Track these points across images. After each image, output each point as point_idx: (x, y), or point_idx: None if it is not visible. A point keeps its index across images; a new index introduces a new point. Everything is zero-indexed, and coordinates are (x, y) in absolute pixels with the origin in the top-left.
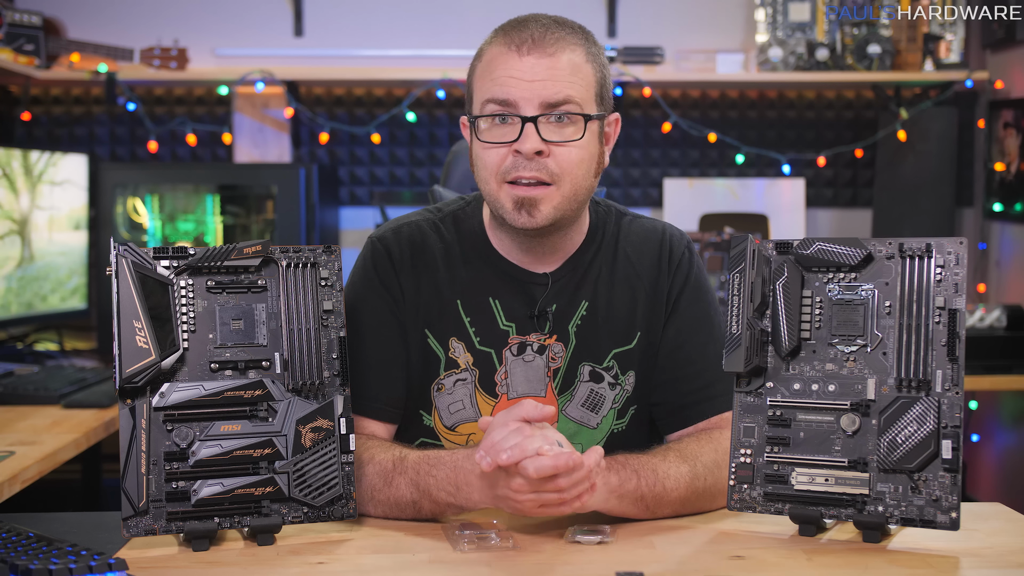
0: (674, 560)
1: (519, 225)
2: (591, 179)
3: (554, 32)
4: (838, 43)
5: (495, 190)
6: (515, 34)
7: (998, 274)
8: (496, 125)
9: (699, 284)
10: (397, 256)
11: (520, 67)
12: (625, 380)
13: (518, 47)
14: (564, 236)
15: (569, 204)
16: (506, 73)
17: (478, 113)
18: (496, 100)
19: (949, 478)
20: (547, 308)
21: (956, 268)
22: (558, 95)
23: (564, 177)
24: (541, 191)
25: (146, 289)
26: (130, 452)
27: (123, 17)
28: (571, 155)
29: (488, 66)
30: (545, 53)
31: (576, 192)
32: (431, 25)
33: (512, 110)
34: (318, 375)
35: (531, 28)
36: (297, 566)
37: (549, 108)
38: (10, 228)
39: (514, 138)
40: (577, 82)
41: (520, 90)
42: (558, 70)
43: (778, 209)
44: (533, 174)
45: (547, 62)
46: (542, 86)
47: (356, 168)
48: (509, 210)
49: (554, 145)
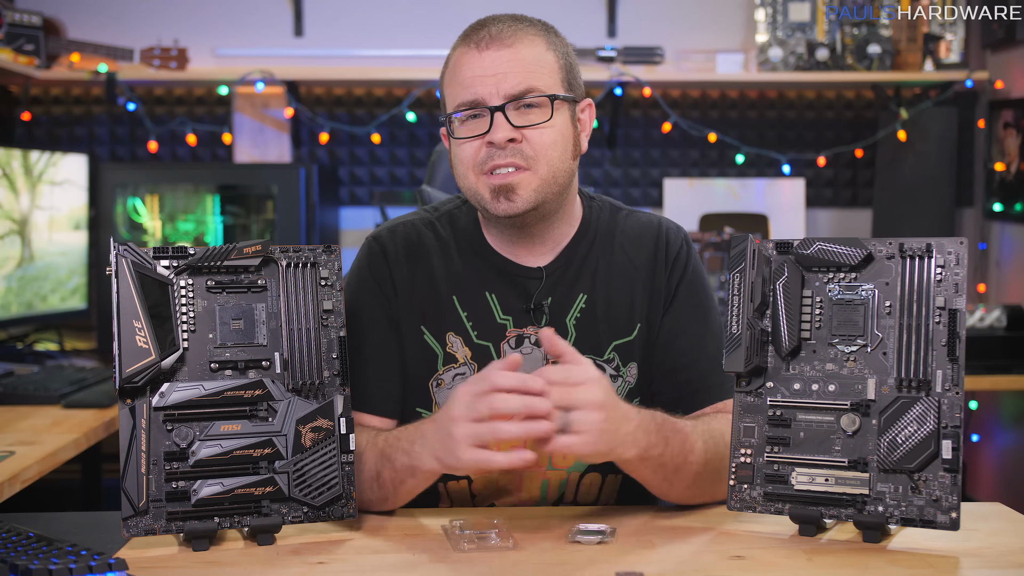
0: (674, 560)
1: (500, 213)
2: (568, 161)
3: (511, 26)
4: (838, 43)
5: (473, 183)
6: (474, 34)
7: (998, 274)
8: (468, 121)
9: (696, 276)
10: (392, 254)
11: (482, 63)
12: (627, 372)
13: (477, 44)
14: (551, 226)
15: (548, 187)
16: (470, 73)
17: (449, 114)
18: (464, 102)
19: (949, 478)
20: (542, 302)
21: (956, 268)
22: (520, 85)
23: (539, 159)
24: (517, 176)
25: (146, 289)
26: (130, 452)
27: (123, 17)
28: (544, 137)
29: (453, 70)
30: (503, 45)
31: (554, 175)
32: (431, 25)
33: (480, 105)
34: (318, 375)
35: (488, 26)
36: (297, 566)
37: (514, 98)
38: (10, 228)
39: (485, 130)
40: (538, 70)
41: (485, 86)
42: (518, 61)
43: (778, 209)
44: (508, 160)
45: (506, 53)
46: (504, 77)
47: (356, 168)
48: (488, 199)
49: (525, 130)
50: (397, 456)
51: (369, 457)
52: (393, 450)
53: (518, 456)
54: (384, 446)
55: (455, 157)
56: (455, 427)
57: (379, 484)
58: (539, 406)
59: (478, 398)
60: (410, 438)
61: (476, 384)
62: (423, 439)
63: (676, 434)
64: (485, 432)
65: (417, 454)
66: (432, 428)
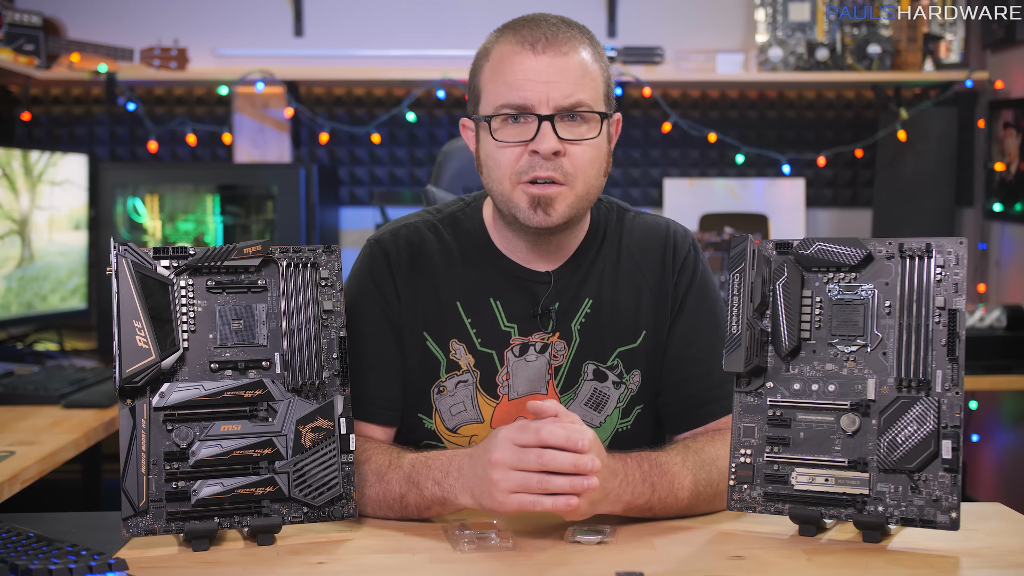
0: (674, 560)
1: (534, 224)
2: (601, 179)
3: (565, 32)
4: (838, 43)
5: (509, 190)
6: (527, 32)
7: (998, 274)
8: (509, 124)
9: (705, 282)
10: (395, 259)
11: (535, 67)
12: (630, 379)
13: (532, 45)
14: (570, 234)
15: (581, 203)
16: (522, 75)
17: (491, 114)
18: (512, 104)
19: (949, 478)
20: (550, 306)
21: (956, 268)
22: (572, 97)
23: (578, 176)
24: (556, 189)
25: (146, 289)
26: (130, 452)
27: (123, 17)
28: (585, 154)
29: (499, 66)
30: (559, 52)
31: (588, 191)
32: (431, 25)
33: (527, 111)
34: (318, 375)
35: (543, 27)
36: (297, 566)
37: (563, 109)
38: (10, 228)
39: (529, 137)
40: (588, 82)
41: (536, 92)
42: (571, 70)
43: (778, 209)
44: (549, 174)
45: (561, 62)
46: (556, 87)
47: (356, 168)
48: (524, 209)
49: (569, 144)
50: (426, 485)
51: (393, 478)
52: (422, 477)
53: (563, 501)
54: (411, 471)
55: (489, 159)
56: (497, 472)
57: (402, 506)
58: (586, 464)
59: (526, 449)
60: (443, 468)
61: (523, 434)
62: (459, 474)
63: (663, 476)
64: (532, 482)
65: (450, 488)
66: (468, 465)
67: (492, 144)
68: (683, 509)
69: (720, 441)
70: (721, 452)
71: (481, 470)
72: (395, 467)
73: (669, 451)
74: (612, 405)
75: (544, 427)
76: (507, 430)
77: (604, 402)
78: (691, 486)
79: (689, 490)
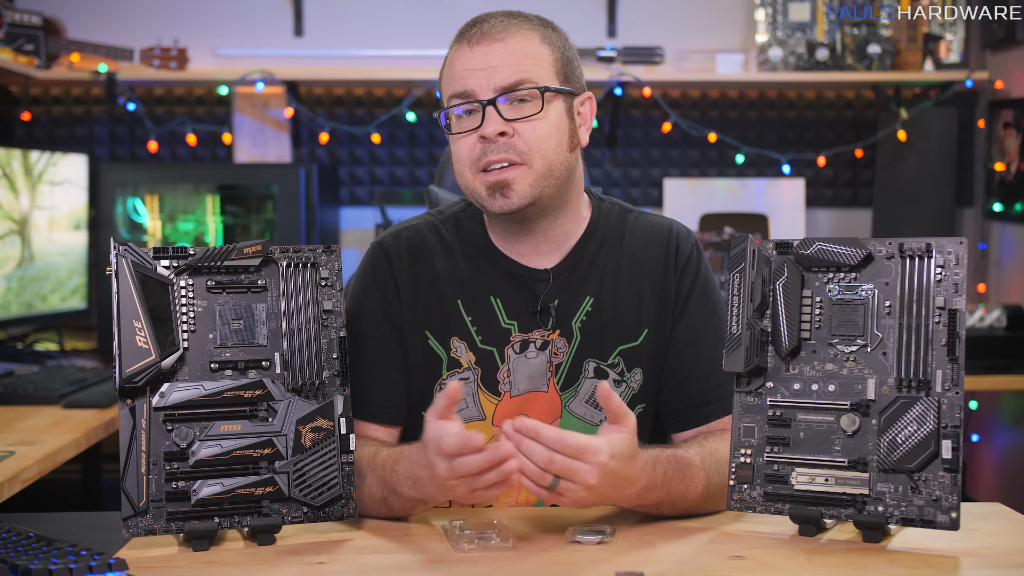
0: (674, 560)
1: (496, 210)
2: (564, 154)
3: (503, 21)
4: (838, 43)
5: (471, 181)
6: (467, 31)
7: (998, 274)
8: (462, 118)
9: (707, 283)
10: (396, 260)
11: (474, 57)
12: (631, 377)
13: (469, 40)
14: (555, 223)
15: (544, 181)
16: (461, 67)
17: (443, 109)
18: (456, 94)
19: (949, 478)
20: (549, 304)
21: (956, 268)
22: (511, 77)
23: (533, 154)
24: (512, 172)
25: (146, 289)
26: (130, 452)
27: (123, 17)
28: (536, 130)
29: (448, 67)
30: (494, 40)
31: (550, 168)
32: (431, 25)
33: (471, 99)
34: (318, 375)
35: (481, 23)
36: (297, 566)
37: (505, 91)
38: (10, 228)
39: (478, 124)
40: (530, 63)
41: (475, 79)
42: (508, 54)
43: (778, 209)
44: (502, 155)
45: (497, 47)
46: (494, 71)
47: (356, 168)
48: (485, 196)
49: (517, 123)
50: (402, 489)
51: (371, 481)
52: (395, 483)
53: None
54: (384, 474)
55: (453, 155)
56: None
57: (387, 507)
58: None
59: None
60: (410, 475)
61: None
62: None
63: (682, 479)
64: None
65: (421, 490)
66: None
67: (452, 140)
68: (689, 509)
69: (727, 440)
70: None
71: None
72: (371, 468)
73: (690, 450)
74: None
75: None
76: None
77: None
78: (703, 489)
79: (699, 493)
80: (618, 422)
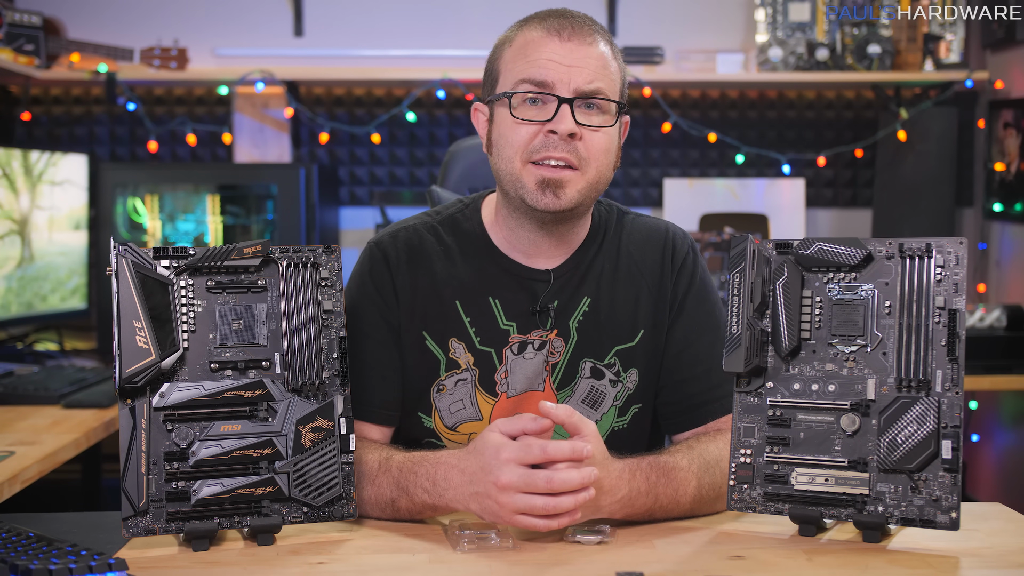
0: (674, 560)
1: (541, 207)
2: (610, 170)
3: (590, 25)
4: (838, 43)
5: (518, 169)
6: (553, 21)
7: (998, 274)
8: (528, 105)
9: (704, 284)
10: (394, 260)
11: (560, 51)
12: (627, 377)
13: (559, 32)
14: (572, 229)
15: (591, 191)
16: (546, 56)
17: (511, 90)
18: (533, 80)
19: (949, 478)
20: (549, 304)
21: (956, 268)
22: (592, 83)
23: (591, 163)
24: (568, 173)
25: (146, 289)
26: (130, 452)
27: (123, 17)
28: (600, 142)
29: (523, 49)
30: (584, 41)
31: (599, 180)
32: (431, 25)
33: (548, 91)
34: (318, 375)
35: (569, 19)
36: (297, 566)
37: (583, 94)
38: (10, 228)
39: (548, 118)
40: (607, 74)
41: (559, 72)
42: (594, 59)
43: (778, 209)
44: (563, 155)
45: (586, 50)
46: (579, 72)
47: (356, 168)
48: (532, 190)
49: (586, 129)
50: (416, 492)
51: (383, 482)
52: (411, 485)
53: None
54: (399, 476)
55: (502, 138)
56: (504, 496)
57: (394, 509)
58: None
59: (533, 473)
60: (430, 477)
61: (526, 452)
62: (449, 485)
63: (668, 485)
64: (538, 505)
65: (440, 496)
66: (465, 481)
67: (508, 121)
68: (684, 513)
69: (723, 441)
70: (724, 453)
71: (483, 488)
72: (384, 470)
73: (675, 454)
74: (608, 403)
75: (550, 444)
76: (510, 449)
77: (600, 400)
78: (694, 492)
79: (692, 496)
80: (577, 432)
